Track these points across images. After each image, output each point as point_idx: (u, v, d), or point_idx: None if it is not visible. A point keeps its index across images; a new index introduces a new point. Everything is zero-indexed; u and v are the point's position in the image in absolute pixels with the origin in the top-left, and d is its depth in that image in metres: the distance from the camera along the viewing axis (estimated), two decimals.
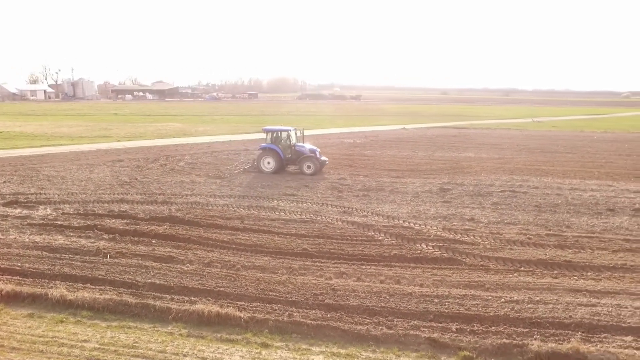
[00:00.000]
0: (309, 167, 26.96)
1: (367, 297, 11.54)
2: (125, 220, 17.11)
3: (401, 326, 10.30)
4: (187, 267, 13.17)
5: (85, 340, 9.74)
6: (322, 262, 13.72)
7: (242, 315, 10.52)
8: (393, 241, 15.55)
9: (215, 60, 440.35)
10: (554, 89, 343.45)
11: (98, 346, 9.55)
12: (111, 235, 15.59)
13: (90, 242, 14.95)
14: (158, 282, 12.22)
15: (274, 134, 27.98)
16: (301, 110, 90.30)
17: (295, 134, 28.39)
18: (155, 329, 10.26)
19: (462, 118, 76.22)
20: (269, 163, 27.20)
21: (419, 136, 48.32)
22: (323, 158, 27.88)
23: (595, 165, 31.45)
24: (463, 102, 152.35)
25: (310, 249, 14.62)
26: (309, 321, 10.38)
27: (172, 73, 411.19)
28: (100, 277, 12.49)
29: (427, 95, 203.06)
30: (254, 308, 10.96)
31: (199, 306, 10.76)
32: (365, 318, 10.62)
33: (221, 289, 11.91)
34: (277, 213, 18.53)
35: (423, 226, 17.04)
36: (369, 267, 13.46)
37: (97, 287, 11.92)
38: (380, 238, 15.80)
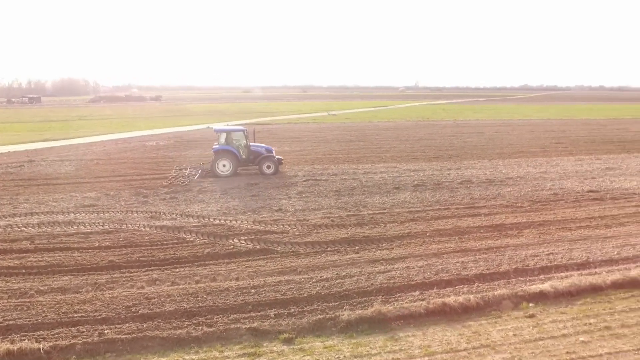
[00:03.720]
0: (268, 167, 26.15)
1: (183, 300, 11.27)
2: None
3: (221, 322, 10.34)
4: None
5: None
6: (131, 272, 12.92)
7: (41, 346, 9.29)
8: (205, 240, 15.42)
9: None
10: (346, 84, 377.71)
11: None
12: None
13: None
14: None
15: (227, 135, 26.44)
16: (96, 114, 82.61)
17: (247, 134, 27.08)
18: None
19: (265, 114, 78.70)
20: (224, 166, 25.65)
21: None
22: (278, 157, 27.05)
23: (382, 151, 35.69)
24: (265, 99, 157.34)
25: (117, 260, 13.61)
26: (123, 336, 9.70)
27: None
28: None
29: (230, 94, 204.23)
30: (56, 335, 9.78)
31: None
32: (184, 321, 10.37)
33: (11, 322, 10.32)
34: (75, 227, 16.76)
35: (234, 222, 17.24)
36: (182, 269, 13.14)
37: None
38: (192, 239, 15.51)
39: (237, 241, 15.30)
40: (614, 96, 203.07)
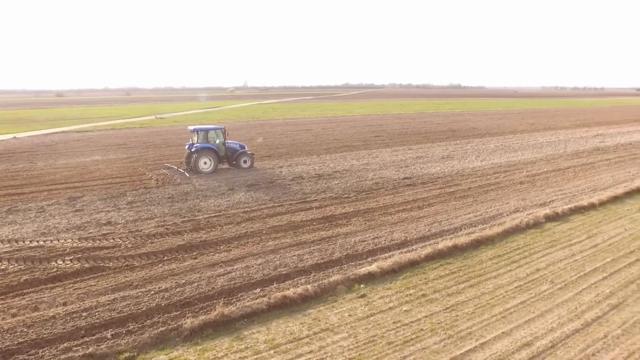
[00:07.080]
0: (245, 161, 28.48)
1: None
2: None
3: (49, 355, 9.40)
4: None
5: None
6: None
7: None
8: (21, 266, 13.69)
9: None
10: (172, 86, 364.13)
11: None
12: None
13: None
14: None
15: (205, 134, 27.62)
16: None
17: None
18: None
19: (85, 120, 71.89)
20: (205, 163, 27.07)
21: (36, 145, 43.02)
22: (249, 152, 29.18)
23: None
24: (82, 103, 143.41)
25: None
26: None
27: None
28: None
29: (39, 99, 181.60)
30: None
31: None
32: None
33: None
34: None
35: (56, 242, 15.59)
36: None
37: None
38: (2, 267, 13.62)
39: (61, 262, 13.87)
40: (420, 93, 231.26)
